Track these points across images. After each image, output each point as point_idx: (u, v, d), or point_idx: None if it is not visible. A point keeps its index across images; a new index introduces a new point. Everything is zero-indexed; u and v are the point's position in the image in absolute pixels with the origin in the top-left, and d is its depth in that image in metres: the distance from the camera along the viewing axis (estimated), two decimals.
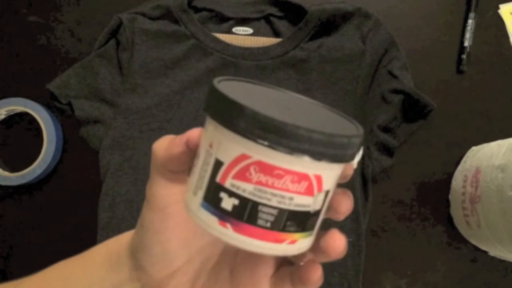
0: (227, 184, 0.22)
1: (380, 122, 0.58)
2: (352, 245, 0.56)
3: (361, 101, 0.58)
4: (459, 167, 0.59)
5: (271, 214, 0.22)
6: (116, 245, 0.30)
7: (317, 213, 0.23)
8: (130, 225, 0.56)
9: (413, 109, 0.58)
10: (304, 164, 0.21)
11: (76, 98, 0.59)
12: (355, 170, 0.57)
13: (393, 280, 0.59)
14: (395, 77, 0.58)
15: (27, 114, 0.62)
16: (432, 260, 0.60)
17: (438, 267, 0.59)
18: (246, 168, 0.21)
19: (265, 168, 0.21)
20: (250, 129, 0.20)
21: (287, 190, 0.22)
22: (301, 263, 0.27)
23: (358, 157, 0.25)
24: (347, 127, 0.24)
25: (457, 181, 0.58)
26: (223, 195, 0.22)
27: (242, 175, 0.22)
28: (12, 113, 0.63)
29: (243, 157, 0.21)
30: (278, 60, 0.59)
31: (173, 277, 0.28)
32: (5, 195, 0.62)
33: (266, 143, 0.20)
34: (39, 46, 0.64)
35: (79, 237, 0.61)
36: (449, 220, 0.60)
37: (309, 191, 0.22)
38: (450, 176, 0.60)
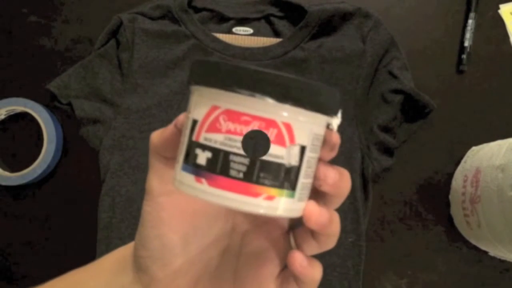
0: (201, 139, 0.23)
1: (380, 122, 0.58)
2: (352, 245, 0.56)
3: (361, 101, 0.58)
4: (459, 167, 0.59)
5: (243, 164, 0.22)
6: (124, 250, 0.31)
7: (295, 169, 0.23)
8: (130, 225, 0.56)
9: (413, 109, 0.58)
10: (269, 109, 0.22)
11: (76, 98, 0.59)
12: (357, 175, 0.57)
13: (393, 280, 0.59)
14: (395, 77, 0.58)
15: (27, 114, 0.62)
16: (432, 260, 0.60)
17: (438, 267, 0.59)
18: (216, 119, 0.22)
19: (233, 116, 0.22)
20: (216, 79, 0.22)
21: None
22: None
23: (337, 121, 0.25)
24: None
25: (457, 181, 0.58)
26: (198, 151, 0.23)
27: (213, 127, 0.23)
28: (12, 113, 0.63)
29: (213, 109, 0.23)
30: (279, 60, 0.59)
31: (173, 278, 0.28)
32: (5, 195, 0.62)
33: (230, 88, 0.22)
34: (39, 46, 0.64)
35: (79, 237, 0.61)
36: (449, 220, 0.60)
37: (279, 141, 0.22)
38: (450, 176, 0.60)
